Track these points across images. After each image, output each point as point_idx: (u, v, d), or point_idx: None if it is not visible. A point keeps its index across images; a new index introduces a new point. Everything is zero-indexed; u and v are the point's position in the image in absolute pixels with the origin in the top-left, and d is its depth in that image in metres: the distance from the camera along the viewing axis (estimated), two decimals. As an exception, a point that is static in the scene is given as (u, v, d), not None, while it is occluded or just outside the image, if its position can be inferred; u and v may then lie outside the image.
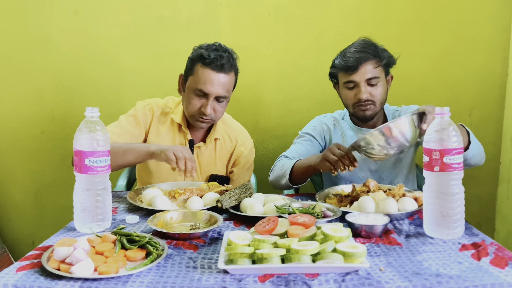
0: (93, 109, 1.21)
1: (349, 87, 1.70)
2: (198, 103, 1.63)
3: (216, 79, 1.60)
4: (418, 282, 0.92)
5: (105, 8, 2.25)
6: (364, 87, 1.66)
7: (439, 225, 1.16)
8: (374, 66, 1.67)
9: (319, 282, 0.92)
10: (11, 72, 2.31)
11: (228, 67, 1.61)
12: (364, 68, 1.65)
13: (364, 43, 1.71)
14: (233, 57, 1.65)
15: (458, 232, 1.16)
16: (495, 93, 2.27)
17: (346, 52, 1.70)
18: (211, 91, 1.60)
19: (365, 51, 1.67)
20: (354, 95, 1.69)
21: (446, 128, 1.16)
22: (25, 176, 2.40)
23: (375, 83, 1.67)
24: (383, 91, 1.71)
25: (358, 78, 1.66)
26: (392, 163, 1.77)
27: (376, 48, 1.70)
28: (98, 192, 1.22)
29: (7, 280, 0.93)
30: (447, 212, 1.15)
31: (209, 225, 1.25)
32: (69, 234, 1.21)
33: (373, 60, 1.67)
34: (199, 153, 1.78)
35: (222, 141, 1.80)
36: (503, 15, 2.21)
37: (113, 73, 2.30)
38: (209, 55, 1.59)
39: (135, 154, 1.57)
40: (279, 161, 1.78)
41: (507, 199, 2.25)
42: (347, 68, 1.67)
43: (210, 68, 1.59)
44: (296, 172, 1.64)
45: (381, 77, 1.69)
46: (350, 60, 1.66)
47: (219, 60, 1.58)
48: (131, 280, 0.94)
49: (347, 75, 1.68)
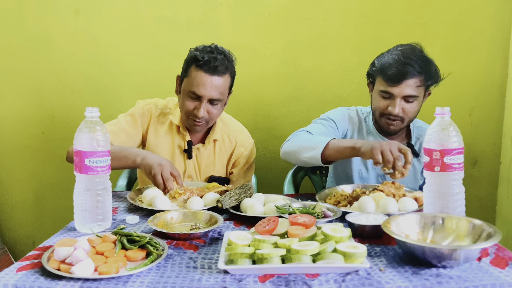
0: (93, 109, 1.21)
1: (384, 97, 1.61)
2: (191, 105, 1.62)
3: (209, 82, 1.58)
4: (418, 282, 0.92)
5: (105, 8, 2.25)
6: (400, 102, 1.58)
7: (440, 225, 1.16)
8: (417, 85, 1.56)
9: (320, 282, 0.92)
10: (11, 72, 2.31)
11: (223, 69, 1.59)
12: (406, 83, 1.55)
13: (414, 54, 1.58)
14: (229, 59, 1.63)
15: (458, 232, 1.16)
16: (495, 93, 2.27)
17: (392, 59, 1.58)
18: (204, 93, 1.59)
19: (412, 64, 1.55)
20: (386, 106, 1.61)
21: (447, 128, 1.16)
22: (25, 176, 2.40)
23: (412, 101, 1.59)
24: (417, 109, 1.63)
25: (397, 92, 1.57)
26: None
27: (426, 63, 1.58)
28: (98, 192, 1.22)
29: (7, 280, 0.93)
30: (448, 212, 1.15)
31: (209, 225, 1.25)
32: (69, 234, 1.21)
33: (418, 78, 1.56)
34: (198, 155, 1.77)
35: (221, 142, 1.79)
36: (503, 15, 2.21)
37: (113, 73, 2.30)
38: (203, 57, 1.57)
39: (122, 164, 1.54)
40: (300, 134, 1.67)
41: (507, 199, 2.24)
42: (388, 78, 1.57)
43: (203, 70, 1.58)
44: (331, 149, 1.50)
45: (419, 96, 1.60)
46: (393, 71, 1.55)
47: (213, 62, 1.57)
48: (131, 280, 0.94)
49: (385, 84, 1.59)
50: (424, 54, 1.61)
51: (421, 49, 1.62)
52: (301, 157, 1.57)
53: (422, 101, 1.65)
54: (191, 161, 1.76)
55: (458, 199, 1.17)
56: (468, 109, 2.29)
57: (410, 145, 1.73)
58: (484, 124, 2.30)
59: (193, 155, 1.75)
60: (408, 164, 1.33)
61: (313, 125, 1.74)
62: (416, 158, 1.73)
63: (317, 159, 1.52)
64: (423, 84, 1.58)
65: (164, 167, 1.46)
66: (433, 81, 1.61)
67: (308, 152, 1.54)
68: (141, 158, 1.52)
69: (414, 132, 1.75)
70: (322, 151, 1.50)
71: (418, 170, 1.75)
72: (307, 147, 1.55)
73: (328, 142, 1.51)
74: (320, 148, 1.51)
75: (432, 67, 1.60)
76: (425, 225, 1.12)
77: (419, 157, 1.74)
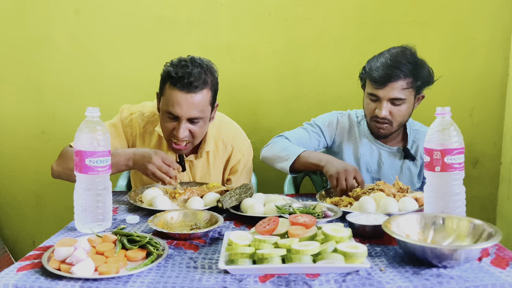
0: (94, 109, 1.21)
1: (371, 99, 1.61)
2: (170, 125, 1.51)
3: (184, 100, 1.45)
4: (419, 282, 0.92)
5: (105, 8, 2.25)
6: (386, 104, 1.57)
7: (440, 225, 1.16)
8: (403, 87, 1.55)
9: (320, 282, 0.92)
10: (11, 72, 2.31)
11: (200, 84, 1.46)
12: (391, 86, 1.54)
13: (403, 57, 1.55)
14: (207, 71, 1.49)
15: (459, 232, 1.16)
16: (495, 93, 2.27)
17: (380, 62, 1.57)
18: (180, 113, 1.46)
19: (398, 67, 1.53)
20: (373, 109, 1.61)
21: (447, 128, 1.16)
22: (25, 176, 2.40)
23: (400, 103, 1.57)
24: (406, 112, 1.61)
25: (382, 94, 1.56)
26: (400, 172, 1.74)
27: (414, 65, 1.55)
28: (99, 192, 1.22)
29: (7, 280, 0.93)
30: (448, 212, 1.15)
31: (210, 225, 1.25)
32: (69, 234, 1.21)
33: (404, 81, 1.54)
34: (191, 166, 1.69)
35: (215, 150, 1.69)
36: (503, 15, 2.21)
37: (113, 73, 2.30)
38: (176, 73, 1.45)
39: (115, 170, 1.44)
40: (278, 141, 1.70)
41: (507, 199, 2.24)
42: (374, 80, 1.57)
43: (178, 88, 1.45)
44: (299, 161, 1.58)
45: (407, 99, 1.58)
46: (379, 74, 1.55)
47: (187, 77, 1.43)
48: (132, 280, 0.94)
49: (372, 87, 1.59)
50: (414, 57, 1.58)
51: (412, 51, 1.60)
52: (275, 166, 1.66)
53: (413, 104, 1.63)
54: (185, 174, 1.67)
55: (459, 199, 1.17)
56: (469, 109, 2.29)
57: (406, 149, 1.71)
58: (484, 124, 2.29)
59: (186, 167, 1.66)
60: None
61: (297, 130, 1.79)
62: (412, 162, 1.73)
63: (286, 170, 1.61)
64: (411, 86, 1.56)
65: (156, 162, 1.44)
66: (423, 83, 1.58)
67: (281, 162, 1.63)
68: (132, 162, 1.48)
69: (410, 135, 1.73)
70: (291, 163, 1.59)
71: (415, 174, 1.74)
72: (280, 157, 1.63)
73: (298, 155, 1.58)
74: (290, 161, 1.59)
75: (423, 69, 1.57)
76: (426, 225, 1.12)
77: (416, 161, 1.73)
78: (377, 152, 1.74)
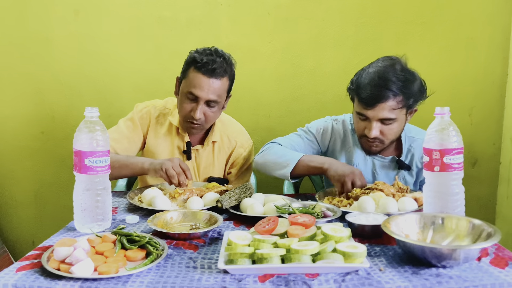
0: (93, 109, 1.21)
1: (360, 118, 1.54)
2: (189, 107, 1.63)
3: (206, 84, 1.59)
4: (418, 282, 0.92)
5: (105, 8, 2.25)
6: (376, 124, 1.49)
7: (439, 225, 1.16)
8: (393, 107, 1.46)
9: (319, 282, 0.92)
10: (11, 72, 2.31)
11: (221, 72, 1.60)
12: (381, 106, 1.45)
13: (393, 73, 1.45)
14: (228, 62, 1.64)
15: (458, 232, 1.16)
16: (495, 93, 2.27)
17: (368, 79, 1.47)
18: (201, 95, 1.59)
19: (387, 86, 1.43)
20: (363, 127, 1.54)
21: (446, 128, 1.16)
22: (25, 176, 2.40)
23: (390, 123, 1.49)
24: (398, 129, 1.54)
25: (371, 115, 1.48)
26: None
27: (404, 82, 1.45)
28: (98, 192, 1.22)
29: (7, 280, 0.93)
30: (447, 212, 1.15)
31: (209, 225, 1.25)
32: (69, 234, 1.21)
33: (394, 100, 1.45)
34: (197, 156, 1.77)
35: (220, 143, 1.79)
36: (503, 15, 2.21)
37: (113, 73, 2.30)
38: (201, 59, 1.58)
39: (130, 171, 1.59)
40: (272, 148, 1.67)
41: (507, 199, 2.24)
42: (362, 100, 1.48)
43: (201, 72, 1.58)
44: (300, 166, 1.55)
45: (398, 118, 1.49)
46: (367, 94, 1.45)
47: (211, 64, 1.57)
48: (131, 280, 0.94)
49: (360, 107, 1.51)
50: (404, 71, 1.48)
51: (402, 63, 1.50)
52: (274, 173, 1.64)
53: (405, 119, 1.56)
54: (190, 162, 1.76)
55: (458, 199, 1.17)
56: (468, 109, 2.30)
57: (399, 161, 1.65)
58: (484, 124, 2.30)
59: (192, 157, 1.76)
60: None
61: (291, 136, 1.76)
62: (407, 171, 1.67)
63: (287, 177, 1.59)
64: (402, 105, 1.48)
65: (173, 161, 1.53)
66: (415, 100, 1.50)
67: (280, 170, 1.60)
68: (148, 164, 1.57)
69: (405, 144, 1.65)
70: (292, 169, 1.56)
71: (411, 184, 1.69)
72: (278, 164, 1.61)
73: (298, 160, 1.56)
74: (290, 167, 1.57)
75: (413, 85, 1.48)
76: (425, 225, 1.12)
77: (411, 170, 1.67)
78: (371, 162, 1.68)
